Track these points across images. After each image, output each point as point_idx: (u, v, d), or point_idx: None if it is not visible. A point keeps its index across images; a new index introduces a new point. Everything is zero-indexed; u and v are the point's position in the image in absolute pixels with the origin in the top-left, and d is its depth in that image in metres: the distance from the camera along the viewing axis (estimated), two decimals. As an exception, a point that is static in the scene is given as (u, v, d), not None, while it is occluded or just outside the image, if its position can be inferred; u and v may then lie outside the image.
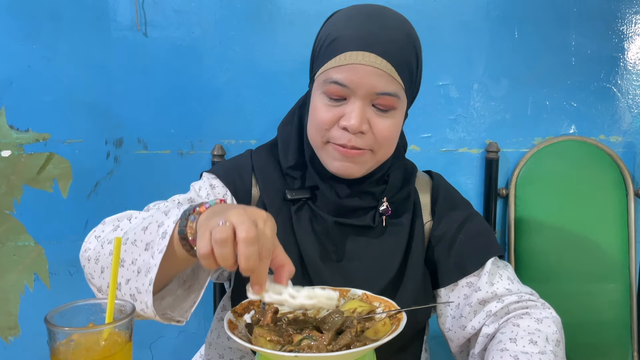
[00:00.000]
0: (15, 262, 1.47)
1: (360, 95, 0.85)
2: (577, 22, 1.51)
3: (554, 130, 1.55)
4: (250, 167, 1.00)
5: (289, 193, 0.94)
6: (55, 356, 0.64)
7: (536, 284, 1.49)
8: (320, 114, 0.87)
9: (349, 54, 0.84)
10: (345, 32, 0.85)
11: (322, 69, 0.87)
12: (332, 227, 0.93)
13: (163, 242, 0.67)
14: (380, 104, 0.86)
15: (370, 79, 0.83)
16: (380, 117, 0.87)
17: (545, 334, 0.86)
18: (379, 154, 0.90)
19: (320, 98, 0.88)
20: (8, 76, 1.39)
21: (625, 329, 1.50)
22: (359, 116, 0.84)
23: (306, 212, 0.95)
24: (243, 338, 0.71)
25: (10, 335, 1.49)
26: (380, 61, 0.83)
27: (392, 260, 0.94)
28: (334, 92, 0.85)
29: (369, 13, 0.87)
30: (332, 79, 0.85)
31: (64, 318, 0.66)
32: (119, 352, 0.65)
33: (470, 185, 1.56)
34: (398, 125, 0.90)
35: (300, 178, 0.96)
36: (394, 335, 0.70)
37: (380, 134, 0.87)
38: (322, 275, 0.91)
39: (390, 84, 0.85)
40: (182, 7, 1.43)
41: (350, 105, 0.85)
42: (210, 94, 1.46)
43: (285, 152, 0.97)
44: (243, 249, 0.60)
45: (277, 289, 0.67)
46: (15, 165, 1.43)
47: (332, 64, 0.85)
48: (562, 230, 1.49)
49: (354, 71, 0.83)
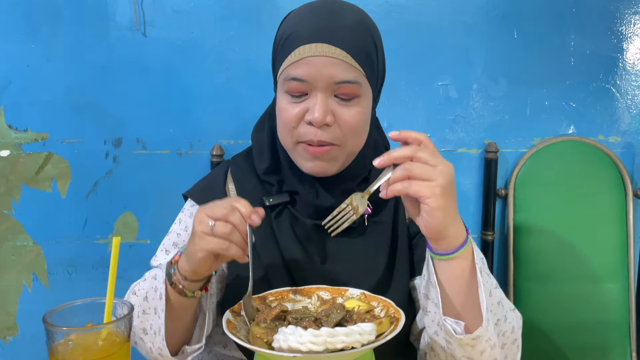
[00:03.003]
0: (13, 262, 1.46)
1: (320, 87, 0.84)
2: (576, 23, 1.51)
3: (553, 130, 1.55)
4: (222, 181, 1.01)
5: (266, 200, 0.94)
6: (53, 356, 0.64)
7: (535, 284, 1.50)
8: (284, 112, 0.87)
9: (302, 48, 0.84)
10: (297, 28, 0.86)
11: (281, 68, 0.87)
12: (312, 230, 0.93)
13: (162, 303, 0.81)
14: (342, 93, 0.85)
15: (327, 69, 0.83)
16: (344, 106, 0.86)
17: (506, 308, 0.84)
18: (347, 146, 0.89)
19: (283, 97, 0.88)
20: (7, 76, 1.39)
21: (624, 329, 1.50)
22: (322, 108, 0.84)
23: (286, 216, 0.94)
24: (242, 338, 0.71)
25: (9, 335, 1.49)
26: (334, 50, 0.83)
27: (377, 260, 0.94)
28: (294, 88, 0.85)
29: (319, 7, 0.87)
30: (290, 75, 0.85)
31: (63, 318, 0.66)
32: (117, 352, 0.65)
33: (469, 186, 1.56)
34: (364, 114, 0.89)
35: (278, 183, 0.96)
36: (392, 336, 0.70)
37: (345, 123, 0.86)
38: (307, 279, 0.90)
39: (349, 72, 0.84)
40: (181, 7, 1.43)
41: (312, 99, 0.85)
42: (209, 94, 1.46)
43: (260, 159, 0.97)
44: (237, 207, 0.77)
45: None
46: (14, 165, 1.43)
47: (289, 61, 0.85)
48: (561, 231, 1.49)
49: (309, 64, 0.83)
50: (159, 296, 0.82)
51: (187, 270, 0.80)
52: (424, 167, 0.72)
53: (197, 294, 0.82)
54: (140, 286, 0.90)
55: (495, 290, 0.80)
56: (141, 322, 0.86)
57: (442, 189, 0.71)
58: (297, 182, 0.93)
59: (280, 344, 0.67)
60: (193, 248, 0.77)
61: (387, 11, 1.47)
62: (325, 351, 0.65)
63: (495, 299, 0.79)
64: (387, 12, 1.47)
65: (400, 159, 0.74)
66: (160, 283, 0.83)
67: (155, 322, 0.83)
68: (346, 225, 0.80)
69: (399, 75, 1.49)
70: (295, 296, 0.86)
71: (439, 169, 0.72)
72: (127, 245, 1.49)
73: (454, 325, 0.77)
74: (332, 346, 0.65)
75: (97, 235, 1.48)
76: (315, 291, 0.86)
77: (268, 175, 0.96)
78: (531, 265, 1.50)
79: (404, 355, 1.00)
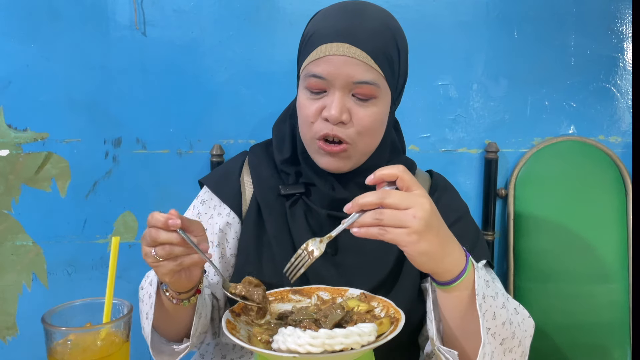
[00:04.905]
0: (13, 261, 1.46)
1: (338, 85, 0.86)
2: (576, 23, 1.51)
3: (553, 130, 1.55)
4: (238, 169, 1.03)
5: (282, 189, 0.96)
6: (52, 356, 0.64)
7: (535, 284, 1.50)
8: (304, 108, 0.89)
9: (324, 46, 0.85)
10: (321, 26, 0.87)
11: (303, 65, 0.89)
12: (325, 220, 0.93)
13: (151, 311, 0.85)
14: (359, 93, 0.86)
15: (346, 69, 0.84)
16: (360, 106, 0.87)
17: (517, 319, 0.84)
18: (360, 144, 0.90)
19: (303, 93, 0.90)
20: (6, 75, 1.39)
21: (624, 330, 1.50)
22: (338, 106, 0.85)
23: (300, 206, 0.96)
24: (242, 338, 0.71)
25: (8, 335, 1.49)
26: (354, 50, 0.84)
27: (388, 256, 0.94)
28: (314, 85, 0.87)
29: (347, 7, 0.89)
30: (310, 72, 0.87)
31: (62, 318, 0.66)
32: (116, 352, 0.65)
33: (470, 186, 1.56)
34: (380, 114, 0.90)
35: (295, 174, 0.97)
36: (392, 336, 0.70)
37: (360, 122, 0.87)
38: (318, 270, 0.91)
39: (368, 73, 0.85)
40: (181, 7, 1.43)
41: (330, 96, 0.87)
42: (209, 94, 1.46)
43: (279, 149, 0.99)
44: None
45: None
46: (13, 165, 1.43)
47: (310, 58, 0.87)
48: (561, 231, 1.49)
49: (329, 62, 0.85)
50: (150, 305, 0.86)
51: (173, 290, 0.83)
52: (395, 214, 0.69)
53: (192, 300, 0.85)
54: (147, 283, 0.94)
55: (501, 310, 0.79)
56: (144, 321, 0.91)
57: (418, 235, 0.69)
58: (314, 175, 0.95)
59: (279, 345, 0.67)
60: (159, 276, 0.79)
61: (387, 11, 1.47)
62: (323, 352, 0.65)
63: (500, 320, 0.78)
64: (387, 12, 1.47)
65: (368, 206, 0.71)
66: (153, 291, 0.86)
67: (147, 326, 0.87)
68: (303, 270, 0.77)
69: (399, 75, 1.49)
70: (295, 296, 0.86)
71: (411, 212, 0.69)
72: (126, 245, 1.49)
73: (447, 354, 0.78)
74: (330, 348, 0.65)
75: (96, 235, 1.48)
76: (315, 291, 0.86)
77: (286, 166, 0.98)
78: (531, 266, 1.50)
79: (405, 355, 1.00)
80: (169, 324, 0.89)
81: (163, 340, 0.91)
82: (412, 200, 0.70)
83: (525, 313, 0.86)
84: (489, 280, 0.79)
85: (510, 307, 0.82)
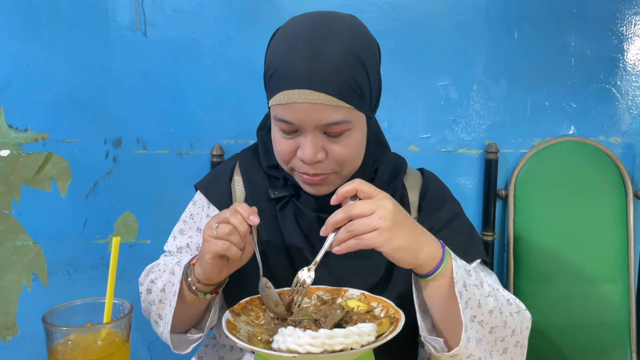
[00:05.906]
0: (13, 261, 1.46)
1: (308, 129, 0.84)
2: (576, 23, 1.51)
3: (554, 131, 1.55)
4: (229, 173, 1.04)
5: (271, 192, 0.96)
6: (53, 356, 0.64)
7: (535, 284, 1.50)
8: (279, 145, 0.88)
9: (286, 93, 0.82)
10: (280, 67, 0.83)
11: (270, 103, 0.87)
12: (316, 222, 0.93)
13: (174, 300, 0.87)
14: (331, 131, 0.84)
15: (313, 115, 0.81)
16: (335, 142, 0.85)
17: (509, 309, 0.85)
18: (344, 172, 0.90)
19: (276, 130, 0.88)
20: (7, 76, 1.39)
21: (624, 330, 1.50)
22: (312, 148, 0.84)
23: (290, 209, 0.95)
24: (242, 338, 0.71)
25: (9, 335, 1.49)
26: (317, 96, 0.80)
27: (380, 258, 0.93)
28: (285, 128, 0.85)
29: (306, 38, 0.82)
30: (278, 116, 0.85)
31: (62, 318, 0.66)
32: (116, 351, 0.65)
33: (470, 186, 1.56)
34: (357, 141, 0.88)
35: (283, 178, 0.97)
36: (392, 336, 0.70)
37: (337, 156, 0.86)
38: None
39: (336, 113, 0.82)
40: (181, 7, 1.43)
41: (303, 137, 0.85)
42: (209, 94, 1.46)
43: (265, 155, 0.99)
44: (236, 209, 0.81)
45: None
46: (14, 165, 1.43)
47: (275, 101, 0.84)
48: (561, 231, 1.49)
49: (294, 110, 0.82)
50: (173, 292, 0.88)
51: (200, 274, 0.84)
52: (363, 221, 0.74)
53: (207, 296, 0.88)
54: (158, 275, 0.96)
55: (487, 299, 0.80)
56: (157, 308, 0.94)
57: (388, 232, 0.74)
58: (300, 182, 0.94)
59: (279, 345, 0.67)
60: (202, 252, 0.82)
61: (387, 12, 1.47)
62: (323, 352, 0.65)
63: (487, 309, 0.79)
64: (387, 13, 1.47)
65: (340, 223, 0.77)
66: (177, 280, 0.89)
67: (167, 314, 0.90)
68: (302, 299, 0.82)
69: (399, 76, 1.49)
70: (295, 296, 0.86)
71: (377, 214, 0.74)
72: (126, 245, 1.49)
73: (433, 342, 0.81)
74: (330, 348, 0.65)
75: (97, 235, 1.48)
76: (315, 291, 0.86)
77: (274, 170, 0.98)
78: (531, 266, 1.50)
79: (405, 355, 1.00)
80: (180, 315, 0.91)
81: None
82: (374, 204, 0.75)
83: (521, 306, 0.87)
84: (470, 269, 0.81)
85: (501, 297, 0.84)
